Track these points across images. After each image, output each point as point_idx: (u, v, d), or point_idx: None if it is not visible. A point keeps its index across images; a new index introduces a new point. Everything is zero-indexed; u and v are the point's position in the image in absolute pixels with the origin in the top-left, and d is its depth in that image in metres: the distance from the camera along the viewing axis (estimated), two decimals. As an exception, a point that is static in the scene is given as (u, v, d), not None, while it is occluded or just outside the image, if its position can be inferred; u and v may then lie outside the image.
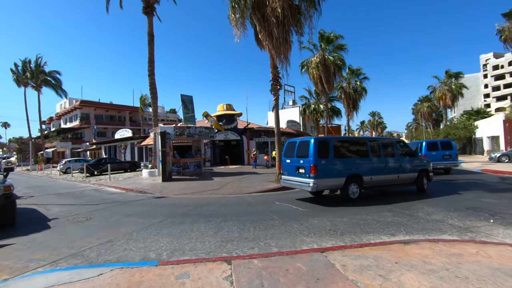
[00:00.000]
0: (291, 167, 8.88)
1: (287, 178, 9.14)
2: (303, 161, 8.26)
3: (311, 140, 8.19)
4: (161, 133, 14.93)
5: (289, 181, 9.03)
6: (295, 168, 8.63)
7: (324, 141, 8.39)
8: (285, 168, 9.37)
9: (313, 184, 7.81)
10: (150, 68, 18.53)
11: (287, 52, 12.00)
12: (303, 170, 8.20)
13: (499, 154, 23.63)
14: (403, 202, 8.05)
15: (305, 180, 8.08)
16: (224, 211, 7.54)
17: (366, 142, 9.07)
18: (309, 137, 9.40)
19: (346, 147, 8.79)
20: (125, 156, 32.85)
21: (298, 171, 8.50)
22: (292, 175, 8.82)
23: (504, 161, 22.82)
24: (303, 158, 8.25)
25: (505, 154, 23.47)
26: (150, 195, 11.08)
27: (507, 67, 73.67)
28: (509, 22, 32.01)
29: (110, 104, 51.95)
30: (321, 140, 8.40)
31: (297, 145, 8.74)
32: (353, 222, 5.95)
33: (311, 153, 7.97)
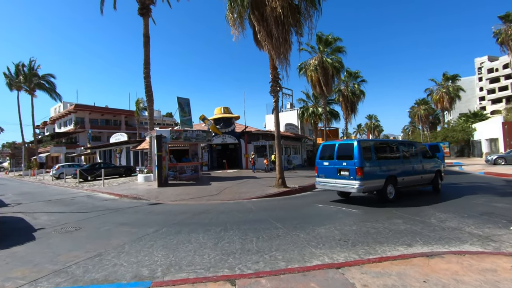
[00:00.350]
0: (330, 170, 8.88)
1: (325, 181, 9.11)
2: (346, 163, 8.32)
3: (355, 143, 8.31)
4: (157, 136, 14.44)
5: (328, 184, 9.02)
6: (336, 170, 8.67)
7: (366, 144, 8.67)
8: (321, 171, 9.30)
9: (359, 185, 7.93)
10: (146, 70, 18.09)
11: (287, 52, 11.65)
12: (347, 172, 8.28)
13: (495, 157, 23.48)
14: (411, 207, 7.66)
15: (350, 182, 8.16)
16: (224, 219, 7.07)
17: (398, 145, 9.63)
18: (350, 140, 9.73)
19: (383, 150, 9.26)
20: (120, 160, 32.22)
21: (339, 173, 8.56)
22: (332, 177, 8.84)
23: (501, 164, 22.66)
24: (347, 160, 8.31)
25: (501, 157, 23.31)
26: (145, 202, 10.58)
27: (501, 70, 74.39)
28: (505, 24, 32.19)
29: (105, 108, 51.26)
30: (364, 143, 8.63)
31: (337, 148, 8.83)
32: (363, 231, 5.53)
33: (356, 155, 8.07)
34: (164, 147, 15.03)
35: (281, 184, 12.02)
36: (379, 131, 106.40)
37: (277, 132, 12.44)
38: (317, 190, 12.13)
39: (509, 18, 31.44)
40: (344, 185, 8.40)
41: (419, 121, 58.45)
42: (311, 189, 12.33)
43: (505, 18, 31.74)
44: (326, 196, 10.59)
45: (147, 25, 17.99)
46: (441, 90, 41.08)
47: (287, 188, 11.68)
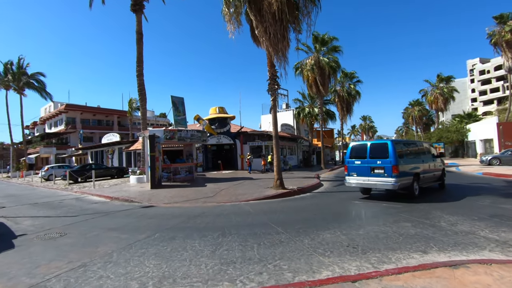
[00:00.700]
0: (363, 168, 9.23)
1: (357, 179, 9.43)
2: (381, 161, 8.75)
3: (389, 143, 8.86)
4: (150, 136, 13.92)
5: (360, 182, 9.34)
6: (370, 168, 9.05)
7: (398, 144, 9.15)
8: (352, 170, 9.59)
9: (394, 182, 8.37)
10: (139, 68, 17.54)
11: (285, 49, 11.28)
12: (381, 170, 8.71)
13: (490, 157, 23.54)
14: (417, 209, 7.34)
15: (385, 180, 8.58)
16: (221, 223, 6.64)
17: (419, 145, 10.38)
18: (382, 140, 10.26)
19: (410, 149, 9.66)
20: (112, 161, 31.47)
21: (373, 172, 8.95)
22: (365, 175, 9.19)
23: (495, 164, 22.71)
24: (381, 159, 8.74)
25: (496, 157, 23.38)
26: (137, 204, 10.06)
27: (493, 72, 75.50)
28: (499, 26, 32.45)
29: (98, 108, 50.25)
30: (396, 143, 9.05)
31: (370, 148, 9.22)
32: (371, 236, 5.15)
33: (391, 154, 8.55)
34: (158, 147, 14.51)
35: (279, 185, 11.63)
36: (373, 132, 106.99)
37: (275, 132, 12.05)
38: (316, 192, 11.79)
39: (503, 19, 31.71)
40: (379, 183, 8.77)
41: (413, 122, 58.78)
42: (309, 191, 11.98)
43: (499, 19, 32.00)
44: (326, 198, 10.25)
45: (140, 21, 17.45)
46: (436, 91, 41.30)
47: (286, 190, 11.29)
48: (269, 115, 38.46)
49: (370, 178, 9.05)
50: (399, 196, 9.69)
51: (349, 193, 10.94)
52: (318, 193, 11.34)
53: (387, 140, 9.25)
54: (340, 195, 10.69)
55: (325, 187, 13.26)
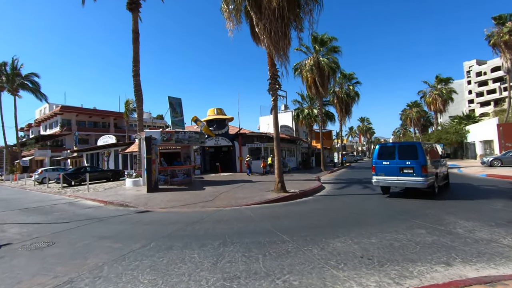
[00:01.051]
0: (392, 168, 9.78)
1: (385, 178, 9.95)
2: (410, 162, 9.41)
3: (417, 145, 9.63)
4: (146, 138, 13.47)
5: (389, 181, 9.89)
6: (398, 168, 9.63)
7: (424, 146, 9.86)
8: (380, 170, 10.06)
9: (424, 181, 9.07)
10: (135, 68, 17.10)
11: (286, 48, 10.93)
12: (411, 170, 9.36)
13: (491, 158, 23.34)
14: (427, 214, 6.97)
15: (415, 179, 9.24)
16: (222, 230, 6.21)
17: (434, 147, 11.22)
18: (411, 142, 10.84)
19: (430, 151, 10.35)
20: (108, 164, 30.89)
21: (402, 171, 9.56)
22: (393, 175, 9.74)
23: (497, 165, 22.51)
24: (411, 159, 9.41)
25: (497, 158, 23.19)
26: (132, 209, 9.60)
27: (489, 73, 75.84)
28: (497, 26, 32.41)
29: (94, 109, 49.61)
30: (423, 145, 9.82)
31: (398, 149, 9.90)
32: (386, 245, 4.76)
33: (420, 155, 9.27)
34: (154, 149, 14.05)
35: (280, 188, 11.22)
36: (371, 133, 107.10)
37: (276, 133, 11.66)
38: (318, 195, 11.39)
39: (502, 20, 31.67)
40: (408, 181, 9.43)
41: (411, 124, 58.73)
42: (311, 194, 11.58)
43: (498, 20, 31.95)
44: (329, 202, 9.86)
45: (137, 20, 17.03)
46: (434, 92, 41.20)
47: (287, 193, 10.89)
48: (267, 117, 38.12)
49: (399, 177, 9.62)
50: (404, 198, 9.34)
51: (352, 197, 10.58)
52: (321, 197, 10.94)
53: (416, 142, 9.85)
54: (343, 198, 10.30)
55: (327, 190, 12.87)
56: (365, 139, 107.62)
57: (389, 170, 9.83)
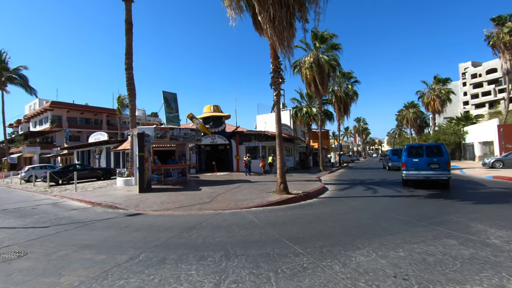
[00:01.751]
0: (421, 164, 11.94)
1: (415, 173, 12.08)
2: (437, 159, 11.65)
3: (442, 146, 12.19)
4: (139, 134, 12.60)
5: (418, 174, 11.99)
6: (427, 164, 11.80)
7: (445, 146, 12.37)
8: (410, 165, 12.21)
9: (448, 174, 11.43)
10: (128, 61, 16.18)
11: (291, 39, 10.17)
12: (437, 166, 11.62)
13: (493, 160, 22.98)
14: (448, 221, 6.30)
15: (441, 172, 11.53)
16: (223, 239, 5.44)
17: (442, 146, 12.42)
18: (435, 142, 13.81)
19: None
20: (99, 162, 29.81)
21: (429, 166, 11.76)
22: (422, 170, 11.91)
23: (498, 167, 22.18)
24: (437, 157, 11.68)
25: (499, 160, 22.84)
26: (121, 212, 8.76)
27: (484, 75, 76.29)
28: (497, 27, 32.16)
29: (85, 106, 48.21)
30: (444, 145, 12.38)
31: (425, 148, 12.16)
32: (418, 260, 4.04)
33: (445, 154, 11.76)
34: (147, 146, 13.20)
35: (283, 190, 10.48)
36: (367, 134, 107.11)
37: (278, 130, 10.90)
38: (323, 197, 10.68)
39: (501, 21, 31.42)
40: (435, 175, 11.65)
41: (407, 124, 58.51)
42: (315, 196, 10.87)
43: (498, 20, 31.69)
44: (336, 205, 9.15)
45: (130, 10, 16.09)
46: (433, 93, 40.92)
47: (290, 195, 10.15)
48: (265, 115, 37.36)
49: (427, 172, 11.78)
50: (415, 200, 8.70)
51: (359, 200, 9.89)
52: (326, 199, 10.23)
53: (440, 144, 12.32)
54: (350, 201, 9.61)
55: (331, 191, 12.18)
56: (360, 139, 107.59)
57: (418, 166, 12.01)
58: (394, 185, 14.00)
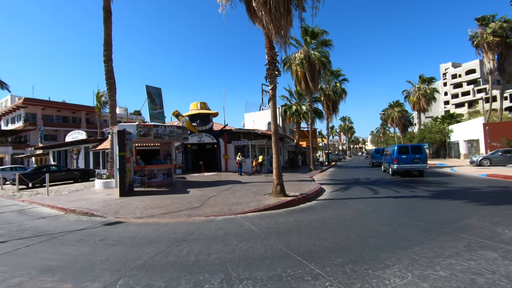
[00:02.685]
0: (408, 159, 16.63)
1: (404, 166, 16.69)
2: (418, 156, 16.52)
3: (422, 146, 17.63)
4: (119, 132, 11.40)
5: (406, 167, 16.67)
6: (412, 159, 16.55)
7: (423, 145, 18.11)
8: (400, 160, 16.74)
9: (426, 166, 16.77)
10: (107, 52, 14.83)
11: (288, 27, 9.35)
12: (419, 160, 16.49)
13: (481, 158, 23.20)
14: (469, 225, 5.68)
15: (421, 165, 16.48)
16: (220, 255, 4.52)
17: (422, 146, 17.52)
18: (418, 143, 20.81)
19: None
20: (77, 162, 27.93)
21: (413, 161, 16.52)
22: (409, 163, 16.59)
23: (486, 165, 22.40)
24: (419, 154, 16.60)
25: (486, 158, 23.08)
26: (98, 220, 7.64)
27: (464, 76, 78.79)
28: (481, 28, 32.74)
29: (63, 103, 45.56)
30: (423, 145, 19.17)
31: (411, 147, 17.09)
32: (466, 282, 3.30)
33: (424, 152, 16.96)
34: (129, 145, 12.01)
35: (279, 192, 9.65)
36: (352, 133, 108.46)
37: (274, 127, 10.05)
38: (322, 199, 9.94)
39: (485, 21, 32.01)
40: (418, 167, 16.55)
41: (392, 123, 59.30)
42: (314, 198, 10.11)
43: (481, 21, 32.27)
44: (340, 208, 8.40)
45: (109, -3, 14.74)
46: (418, 92, 41.43)
47: (288, 197, 9.34)
48: (253, 113, 36.54)
49: (412, 164, 16.64)
50: (419, 200, 8.11)
51: (362, 201, 9.22)
52: (326, 201, 9.48)
53: (421, 144, 17.40)
54: (354, 204, 8.91)
55: (329, 193, 11.47)
56: (345, 138, 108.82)
57: (406, 160, 16.75)
58: (390, 184, 13.57)
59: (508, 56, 31.57)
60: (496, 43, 30.87)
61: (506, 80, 33.84)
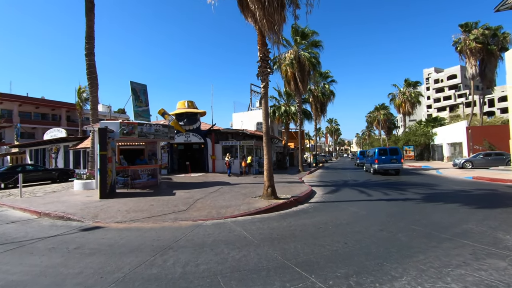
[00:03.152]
0: (387, 159, 19.48)
1: (383, 165, 19.54)
2: (395, 157, 19.43)
3: (398, 148, 20.68)
4: (100, 130, 10.70)
5: (385, 166, 19.53)
6: (390, 159, 19.36)
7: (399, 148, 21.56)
8: (381, 161, 19.60)
9: (401, 166, 19.62)
10: (88, 46, 14.02)
11: (282, 23, 9.01)
12: (396, 160, 19.31)
13: (463, 160, 23.77)
14: (469, 230, 5.51)
15: (397, 165, 19.28)
16: (210, 265, 4.09)
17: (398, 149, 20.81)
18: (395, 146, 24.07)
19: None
20: (56, 162, 26.63)
21: (391, 161, 19.32)
22: (387, 163, 19.43)
23: (468, 167, 22.97)
24: (395, 155, 19.52)
25: (468, 160, 23.67)
26: (75, 225, 7.01)
27: (446, 81, 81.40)
28: (464, 34, 33.67)
29: (42, 99, 43.51)
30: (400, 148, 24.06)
31: (389, 150, 20.07)
32: (482, 295, 3.02)
33: (400, 153, 20.03)
34: (111, 144, 11.32)
35: (270, 194, 9.28)
36: (338, 134, 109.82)
37: (266, 127, 9.67)
38: (314, 202, 9.64)
39: (468, 27, 32.96)
40: (395, 166, 19.32)
41: (378, 126, 60.33)
42: (306, 201, 9.81)
43: (465, 27, 33.21)
44: (333, 211, 8.12)
45: (91, -13, 13.94)
46: (403, 96, 42.23)
47: (280, 200, 8.98)
48: (241, 113, 36.08)
49: (389, 164, 19.38)
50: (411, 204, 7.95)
51: (355, 204, 8.99)
52: (318, 204, 9.19)
53: (397, 147, 21.14)
54: (347, 207, 8.66)
55: (320, 195, 11.20)
56: (331, 140, 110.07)
57: (385, 161, 19.57)
58: (379, 186, 13.51)
59: (489, 62, 32.64)
60: (478, 49, 31.83)
61: (487, 85, 35.00)
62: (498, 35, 32.23)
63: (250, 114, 34.71)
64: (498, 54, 32.40)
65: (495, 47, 32.07)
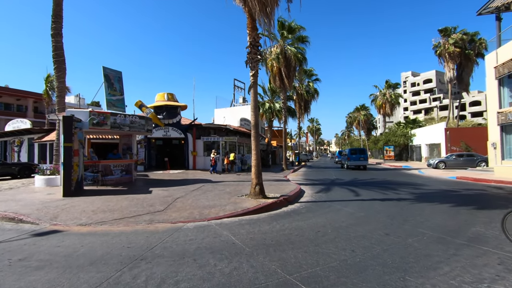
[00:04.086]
0: (356, 158, 25.20)
1: (354, 163, 25.18)
2: (363, 156, 25.51)
3: (365, 149, 30.22)
4: (65, 118, 9.39)
5: (355, 163, 25.15)
6: (359, 158, 25.17)
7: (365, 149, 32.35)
8: (352, 159, 25.27)
9: (367, 163, 26.30)
10: (55, 25, 12.49)
11: (274, 5, 8.20)
12: (363, 159, 25.24)
13: (437, 161, 24.34)
14: (482, 235, 5.02)
15: (364, 162, 25.26)
16: (193, 283, 3.21)
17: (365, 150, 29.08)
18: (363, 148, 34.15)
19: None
20: (19, 156, 24.31)
21: (359, 159, 25.10)
22: (357, 161, 25.08)
23: (441, 167, 23.53)
24: (363, 155, 25.64)
25: (442, 161, 24.28)
26: (27, 228, 5.84)
27: (422, 85, 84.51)
28: (443, 38, 34.57)
29: (5, 88, 39.97)
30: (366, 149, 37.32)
31: (358, 150, 26.87)
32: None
33: (366, 152, 27.65)
34: (78, 135, 10.01)
35: (258, 193, 8.48)
36: (319, 134, 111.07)
37: (255, 119, 8.84)
38: (305, 202, 8.96)
39: (447, 32, 33.86)
40: (362, 163, 25.15)
41: (358, 126, 61.36)
42: (296, 200, 9.11)
43: (444, 32, 34.10)
44: (327, 212, 7.46)
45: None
46: (384, 97, 42.94)
47: (269, 200, 8.21)
48: (223, 109, 34.98)
49: (358, 162, 25.03)
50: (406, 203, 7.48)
51: (349, 204, 8.41)
52: (310, 204, 8.50)
53: (364, 148, 33.17)
54: (341, 207, 8.04)
55: (310, 194, 10.56)
56: (312, 139, 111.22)
57: (355, 159, 24.99)
58: (368, 185, 13.21)
59: (466, 66, 33.73)
60: (457, 53, 32.75)
61: (463, 89, 36.21)
62: (475, 40, 33.36)
63: (233, 110, 33.71)
64: (474, 59, 33.57)
65: (472, 52, 33.17)
